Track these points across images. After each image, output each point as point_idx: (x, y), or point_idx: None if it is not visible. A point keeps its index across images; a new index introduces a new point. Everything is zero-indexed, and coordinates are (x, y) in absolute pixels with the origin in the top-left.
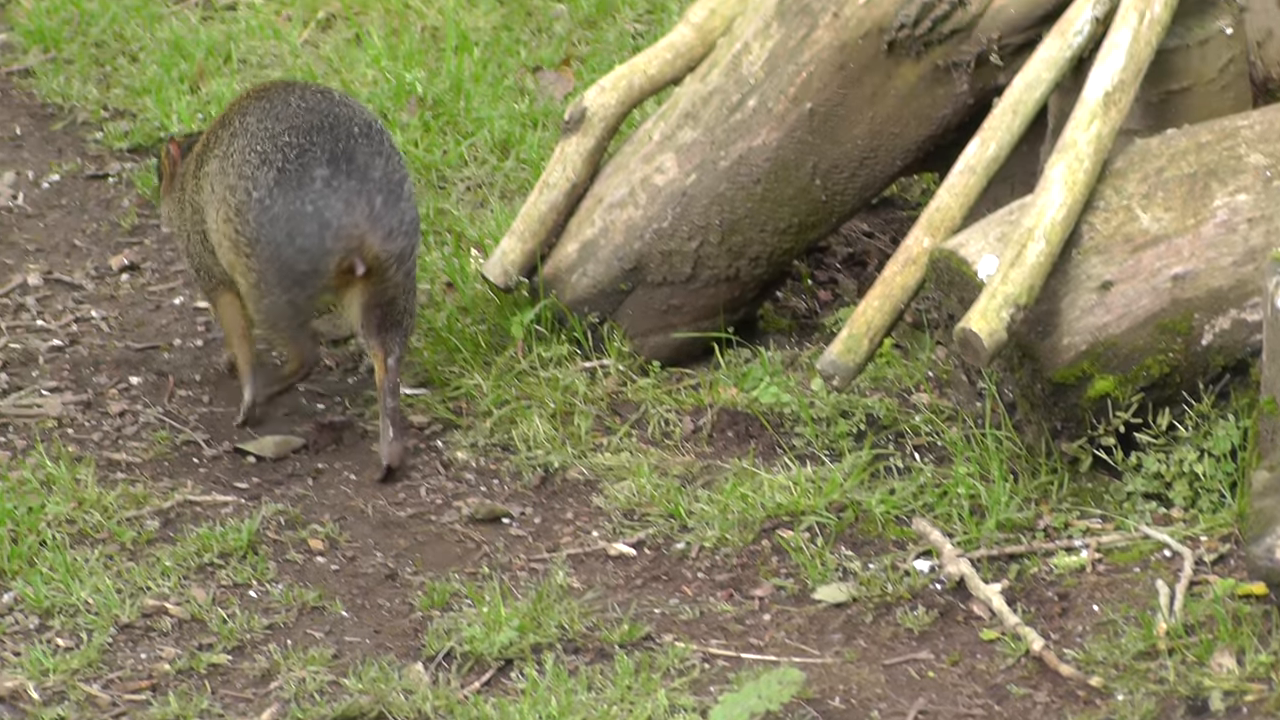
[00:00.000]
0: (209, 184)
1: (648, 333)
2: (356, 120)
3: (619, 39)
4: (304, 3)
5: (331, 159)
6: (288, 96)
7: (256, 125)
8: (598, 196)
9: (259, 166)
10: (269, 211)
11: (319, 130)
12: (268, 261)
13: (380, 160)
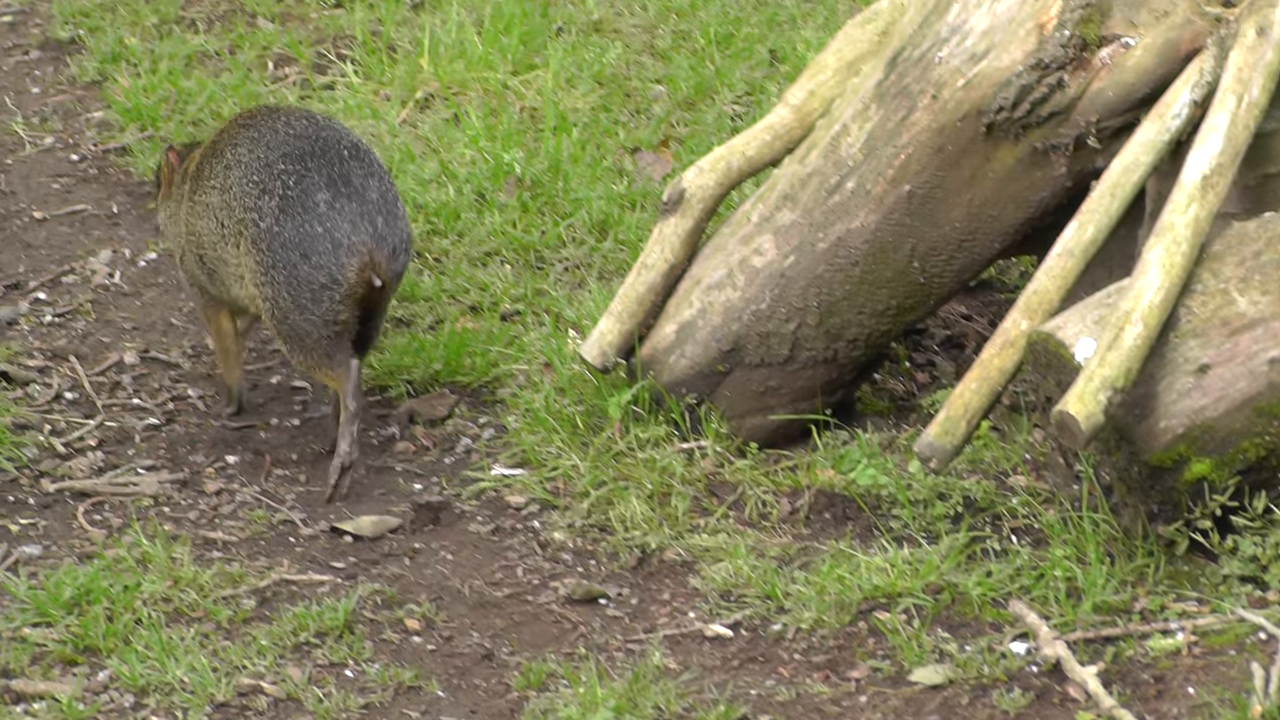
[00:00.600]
0: (211, 215)
1: (745, 414)
2: (344, 143)
3: (717, 120)
4: (402, 82)
5: (330, 183)
6: (274, 123)
7: (249, 155)
8: (696, 278)
9: (260, 197)
10: (280, 237)
11: (312, 155)
12: (284, 285)
13: (375, 182)
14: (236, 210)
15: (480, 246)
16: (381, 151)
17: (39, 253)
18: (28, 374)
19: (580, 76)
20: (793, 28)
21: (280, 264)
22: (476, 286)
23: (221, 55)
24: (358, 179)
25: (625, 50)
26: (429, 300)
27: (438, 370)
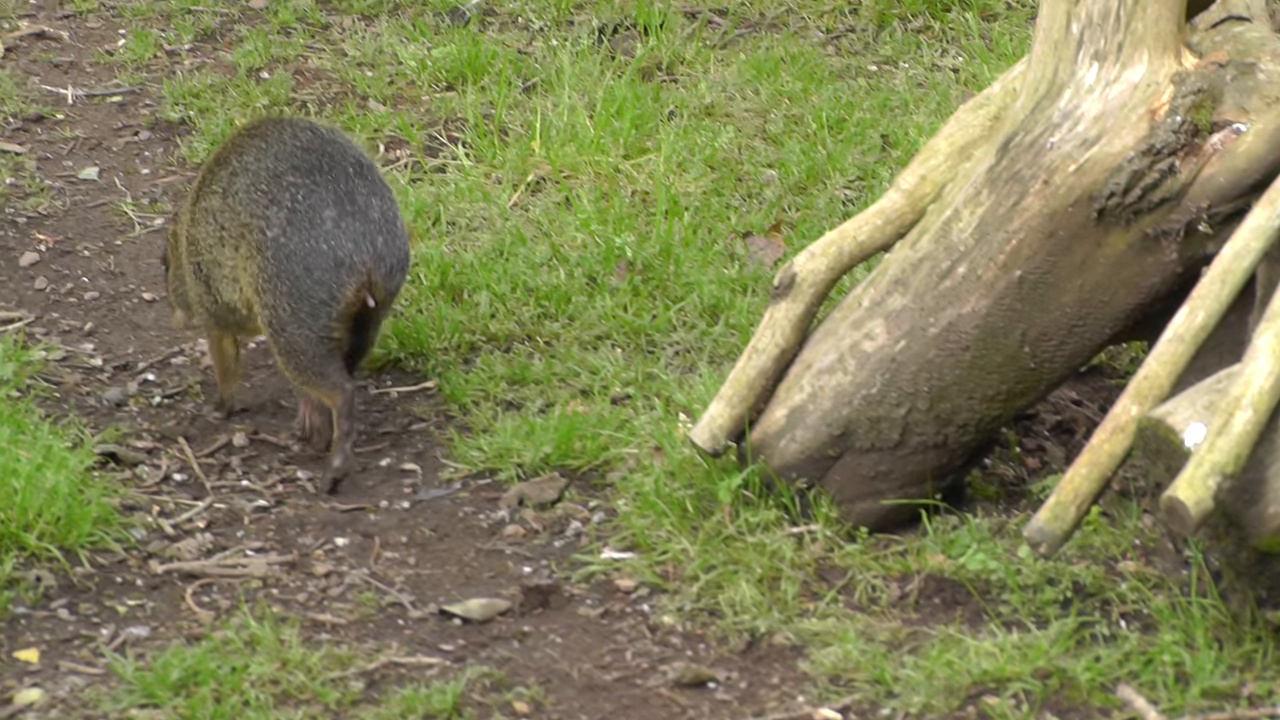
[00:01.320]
0: (211, 218)
1: (855, 498)
2: (350, 158)
3: (829, 205)
4: (514, 165)
5: (337, 200)
6: (281, 134)
7: (256, 164)
8: (806, 362)
9: (268, 206)
10: (285, 249)
11: (320, 170)
12: (286, 295)
13: (377, 200)
14: (241, 215)
15: (591, 330)
16: (492, 235)
17: (148, 334)
18: (136, 455)
19: (692, 160)
20: (905, 113)
21: (284, 275)
22: (587, 370)
23: None
24: (362, 196)
25: (737, 134)
26: (539, 384)
27: (548, 454)
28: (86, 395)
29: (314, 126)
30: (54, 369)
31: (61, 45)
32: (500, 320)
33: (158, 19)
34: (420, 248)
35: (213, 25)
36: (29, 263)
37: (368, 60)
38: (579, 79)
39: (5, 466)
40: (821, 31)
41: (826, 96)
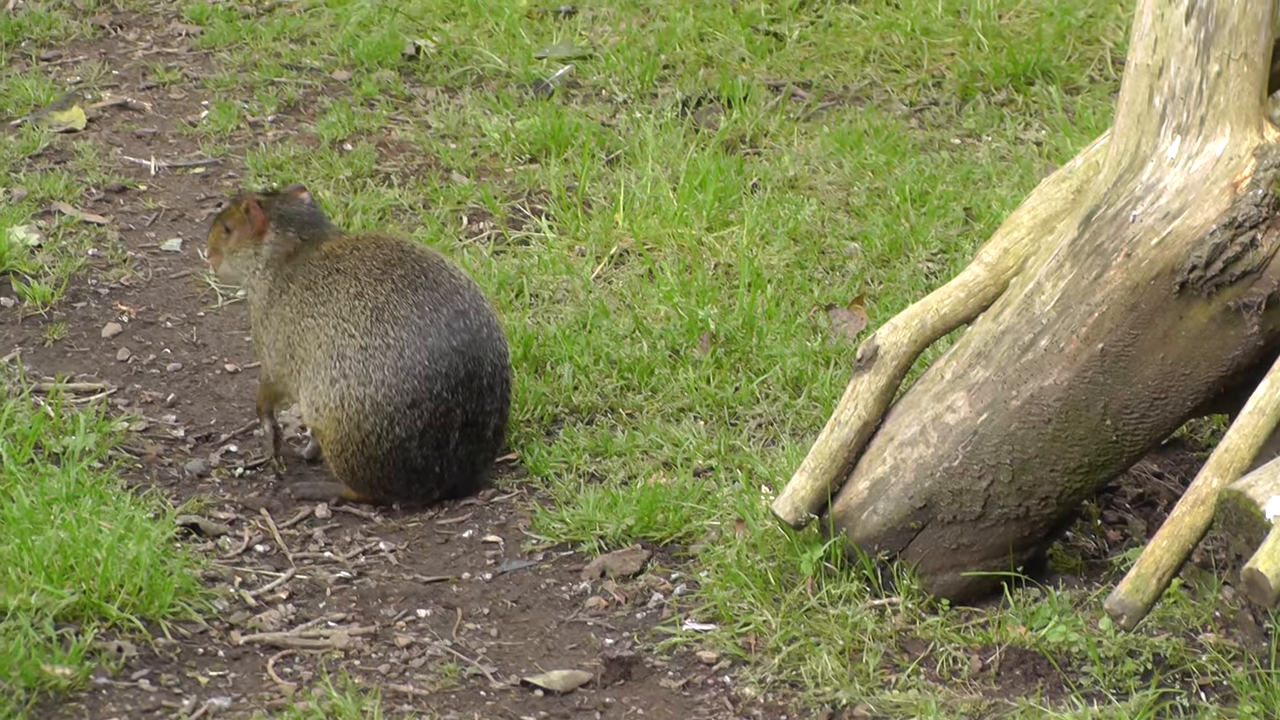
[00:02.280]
0: (314, 339)
1: (937, 570)
2: (452, 281)
3: (912, 278)
4: (597, 238)
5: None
6: (393, 252)
7: (371, 287)
8: (889, 434)
9: (381, 324)
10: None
11: (432, 289)
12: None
13: (480, 318)
14: (345, 333)
15: (674, 402)
16: (575, 307)
17: (230, 405)
18: (218, 526)
19: (775, 233)
20: (987, 185)
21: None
22: (670, 442)
23: (416, 209)
24: (472, 315)
25: (820, 207)
26: (622, 456)
27: (630, 526)
28: (169, 466)
29: (414, 245)
30: (136, 440)
31: (144, 116)
32: (583, 392)
33: (241, 90)
34: (504, 320)
35: (296, 97)
36: (111, 334)
37: (451, 132)
38: (662, 151)
39: (87, 537)
40: (905, 105)
41: (910, 169)
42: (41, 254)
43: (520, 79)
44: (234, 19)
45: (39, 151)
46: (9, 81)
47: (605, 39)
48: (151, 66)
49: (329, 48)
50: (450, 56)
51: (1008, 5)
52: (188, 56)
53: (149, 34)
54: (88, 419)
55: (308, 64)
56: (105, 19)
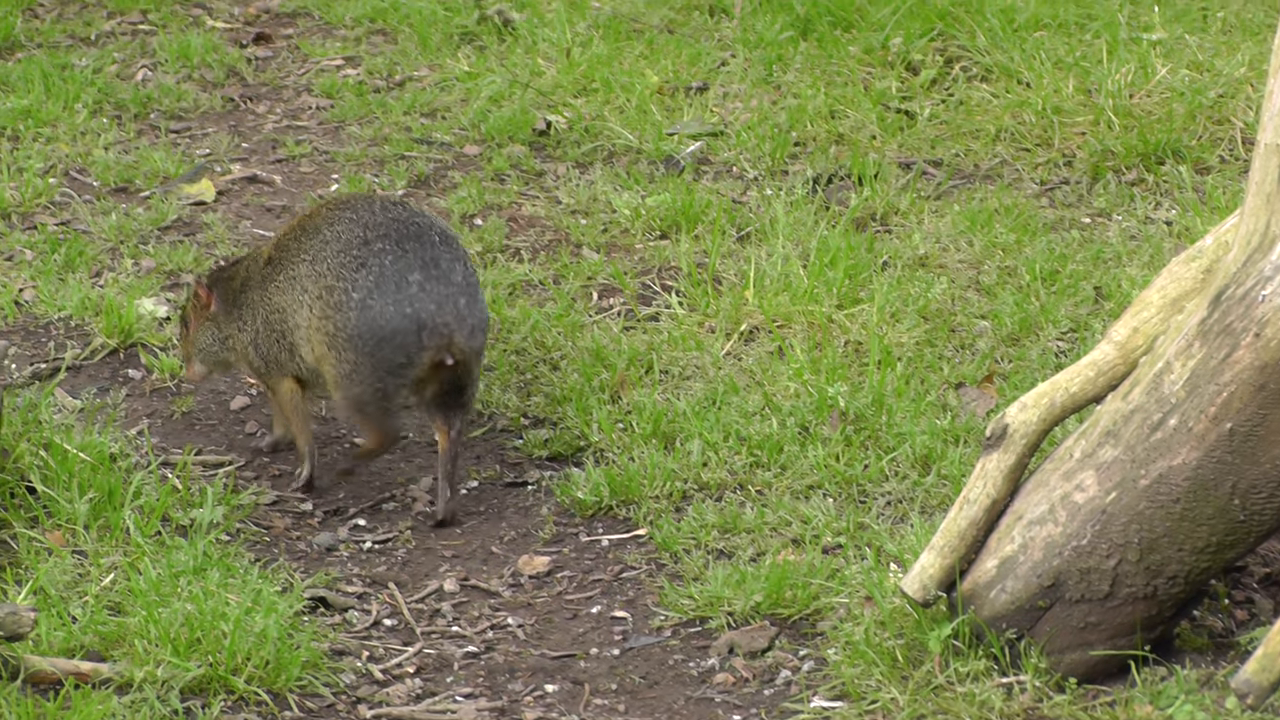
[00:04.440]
0: (299, 286)
1: (1065, 649)
2: (436, 229)
3: (1041, 356)
4: (727, 314)
5: (423, 265)
6: (371, 206)
7: (348, 233)
8: (1017, 513)
9: (357, 270)
10: (369, 311)
11: (409, 238)
12: (366, 355)
13: (460, 265)
14: (327, 278)
15: (803, 479)
16: (705, 383)
17: (359, 479)
18: (347, 600)
19: (905, 311)
20: (1117, 265)
21: (366, 335)
22: (799, 519)
23: (546, 284)
24: (446, 262)
25: (950, 285)
26: (751, 532)
27: (758, 602)
28: (296, 540)
29: (401, 202)
30: (264, 513)
31: (274, 189)
32: (712, 469)
33: (371, 164)
34: (633, 396)
35: (426, 171)
36: (239, 407)
37: (582, 208)
38: (793, 228)
39: (214, 610)
40: (1036, 183)
41: (1040, 248)
42: (170, 326)
43: (651, 155)
44: (364, 93)
45: (168, 224)
46: (138, 153)
47: (736, 115)
48: (281, 139)
49: (459, 122)
50: (581, 132)
51: (1139, 85)
52: (318, 130)
53: (279, 107)
54: (215, 492)
55: (438, 138)
56: (235, 91)
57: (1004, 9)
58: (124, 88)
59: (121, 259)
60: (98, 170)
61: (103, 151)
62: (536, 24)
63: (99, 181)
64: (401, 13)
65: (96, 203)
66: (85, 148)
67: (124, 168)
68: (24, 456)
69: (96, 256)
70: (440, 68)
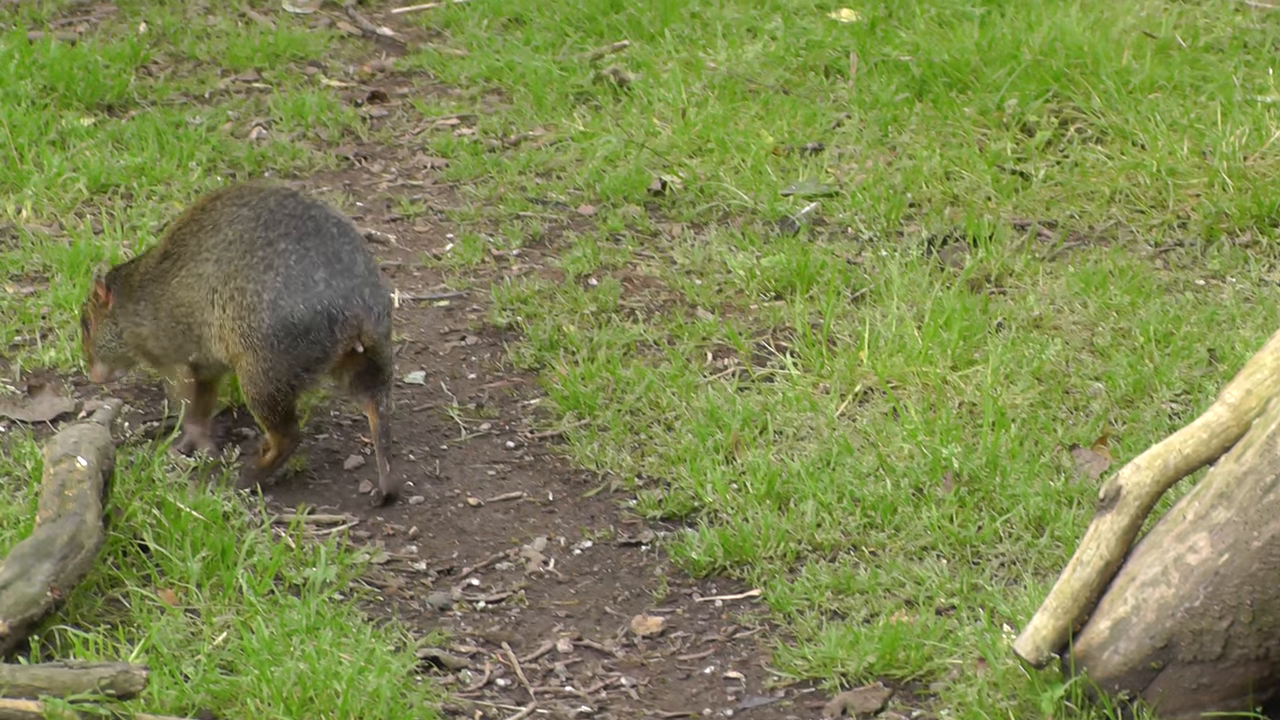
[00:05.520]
0: (206, 285)
1: (1177, 710)
2: (332, 220)
3: (1155, 418)
4: (841, 375)
5: (326, 261)
6: (266, 202)
7: (250, 233)
8: (1131, 574)
9: (265, 272)
10: (280, 311)
11: (309, 235)
12: (281, 354)
13: (360, 256)
14: (239, 280)
15: (916, 540)
16: (819, 444)
17: (473, 539)
18: (460, 660)
19: (1019, 373)
20: (1231, 327)
21: (280, 335)
22: (912, 580)
23: (660, 345)
24: (347, 255)
25: (1065, 347)
26: (864, 593)
27: (872, 663)
28: (410, 599)
29: (294, 192)
30: (377, 572)
31: (389, 248)
32: (826, 529)
33: (486, 224)
34: (747, 456)
35: (541, 231)
36: (353, 466)
37: (696, 268)
38: (908, 289)
39: (327, 669)
40: (1150, 245)
41: (1154, 310)
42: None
43: (766, 215)
44: (479, 152)
45: None
46: None
47: (851, 176)
48: (396, 198)
49: (575, 182)
50: (696, 192)
51: (1253, 147)
52: (433, 189)
53: (394, 166)
54: (329, 551)
55: (553, 198)
56: (350, 150)
57: (1119, 71)
58: (238, 146)
59: None
60: None
61: None
62: (652, 84)
63: None
64: (517, 72)
65: None
66: None
67: None
68: (137, 515)
69: None
70: (555, 127)
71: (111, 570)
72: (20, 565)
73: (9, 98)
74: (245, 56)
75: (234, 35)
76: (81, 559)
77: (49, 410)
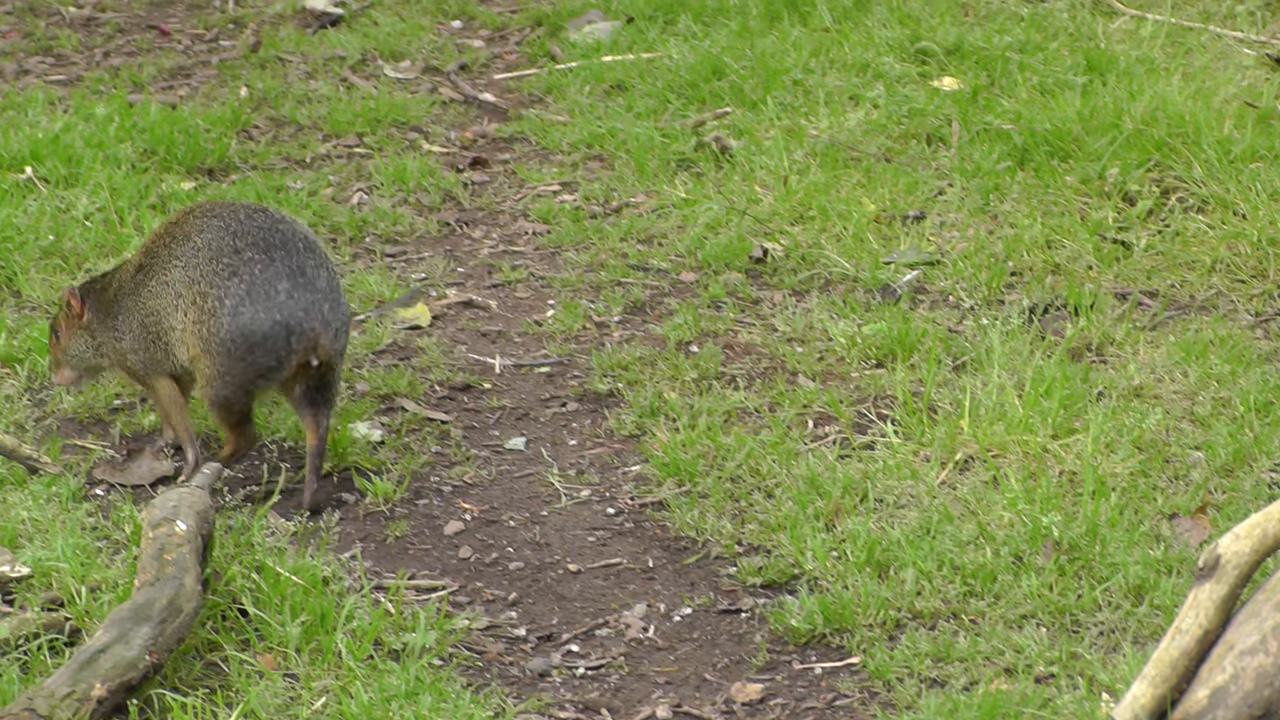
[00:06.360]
0: (173, 290)
1: None
2: (299, 236)
3: (1255, 487)
4: (942, 444)
5: (290, 273)
6: (237, 214)
7: (219, 242)
8: (1229, 643)
9: (229, 278)
10: (241, 317)
11: (276, 247)
12: (237, 360)
13: (323, 272)
14: (202, 285)
15: (1016, 609)
16: (919, 512)
17: (573, 605)
18: None
19: (1119, 441)
20: None
21: (237, 341)
22: (1012, 648)
23: (761, 412)
24: (311, 269)
25: (1165, 416)
26: (964, 661)
27: None
28: (509, 665)
29: (264, 208)
30: (477, 638)
31: (490, 314)
32: (926, 597)
33: (587, 290)
34: (847, 524)
35: (643, 297)
36: (453, 531)
37: (798, 335)
38: (1008, 358)
39: None
40: (1250, 314)
41: (1254, 379)
42: (384, 450)
43: (867, 283)
44: (581, 218)
45: (383, 348)
46: (354, 277)
47: (953, 244)
48: (497, 264)
49: (676, 249)
50: (798, 260)
51: None
52: (534, 255)
53: (495, 231)
54: (428, 616)
55: (655, 265)
56: (451, 216)
57: (1220, 140)
58: (339, 210)
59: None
60: None
61: None
62: (754, 151)
63: None
64: (619, 139)
65: None
66: None
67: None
68: (236, 579)
69: None
70: (657, 194)
71: (210, 634)
72: (118, 629)
73: (110, 161)
74: (346, 121)
75: (335, 100)
76: (180, 623)
77: (148, 474)
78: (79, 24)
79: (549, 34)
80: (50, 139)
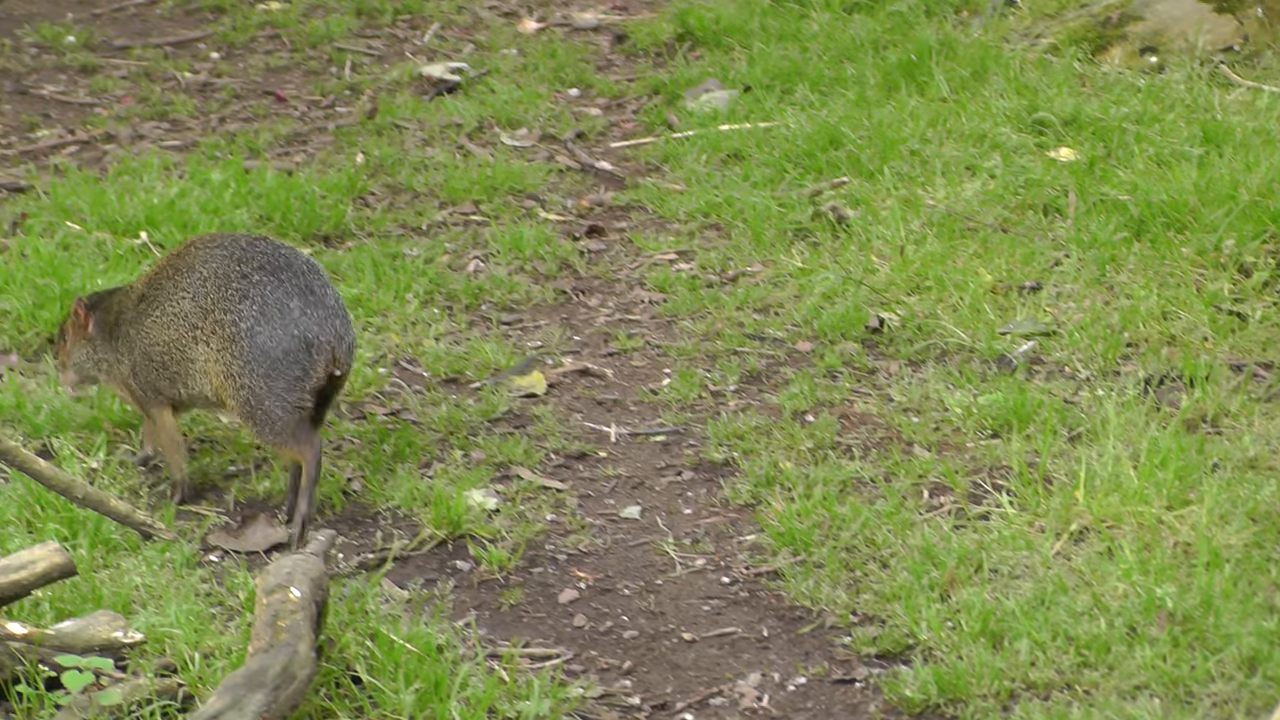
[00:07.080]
0: (185, 322)
1: None
2: (301, 259)
3: None
4: (1057, 514)
5: (300, 291)
6: (238, 242)
7: (225, 268)
8: None
9: (240, 302)
10: (259, 338)
11: (282, 269)
12: (261, 377)
13: (330, 291)
14: (215, 313)
15: (1130, 680)
16: (1034, 583)
17: (687, 674)
18: None
19: (1234, 513)
20: None
21: (258, 360)
22: (1125, 719)
23: (876, 482)
24: (318, 288)
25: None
26: None
27: None
28: None
29: (263, 237)
30: (591, 707)
31: (605, 383)
32: (1040, 668)
33: (703, 359)
34: (962, 595)
35: (759, 367)
36: (568, 600)
37: (914, 406)
38: (1124, 429)
39: None
40: None
41: None
42: (499, 518)
43: (983, 353)
44: (697, 287)
45: (498, 416)
46: (469, 345)
47: (1069, 315)
48: (614, 333)
49: (792, 318)
50: (914, 330)
51: None
52: (650, 323)
53: (611, 300)
54: (542, 684)
55: (771, 334)
56: (567, 284)
57: None
58: (455, 278)
59: (451, 450)
60: (428, 360)
61: (433, 342)
62: (870, 221)
63: (429, 372)
64: (735, 208)
65: (426, 393)
66: (416, 338)
67: (454, 358)
68: (350, 646)
69: (426, 447)
70: (774, 263)
71: (324, 701)
72: (232, 696)
73: (225, 227)
74: (463, 189)
75: (452, 167)
76: (294, 690)
77: (262, 540)
78: (195, 89)
79: (666, 103)
80: (165, 204)
